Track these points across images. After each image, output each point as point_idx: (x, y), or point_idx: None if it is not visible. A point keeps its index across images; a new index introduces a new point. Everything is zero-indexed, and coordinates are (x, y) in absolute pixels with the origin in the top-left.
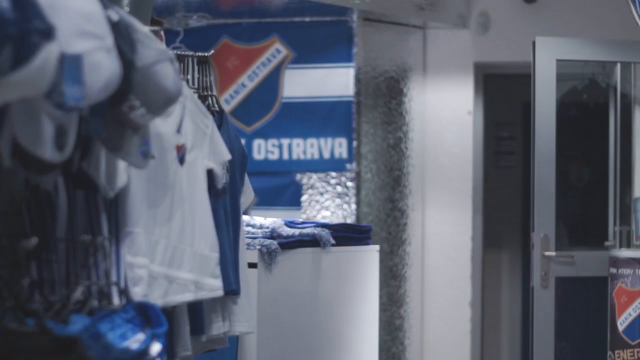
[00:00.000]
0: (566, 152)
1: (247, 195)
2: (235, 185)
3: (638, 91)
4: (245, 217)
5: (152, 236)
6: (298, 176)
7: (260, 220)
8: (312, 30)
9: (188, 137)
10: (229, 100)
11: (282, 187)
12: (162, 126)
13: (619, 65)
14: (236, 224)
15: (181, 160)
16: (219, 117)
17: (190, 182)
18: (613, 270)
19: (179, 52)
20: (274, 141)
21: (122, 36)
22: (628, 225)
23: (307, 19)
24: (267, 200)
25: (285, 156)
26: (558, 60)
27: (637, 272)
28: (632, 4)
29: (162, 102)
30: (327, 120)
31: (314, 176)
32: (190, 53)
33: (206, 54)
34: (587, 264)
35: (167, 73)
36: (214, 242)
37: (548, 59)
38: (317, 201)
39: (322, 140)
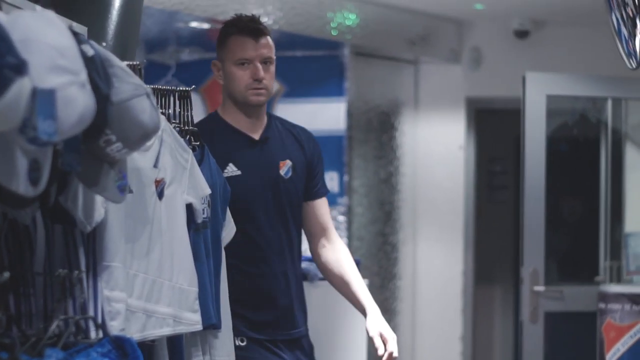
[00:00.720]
0: (557, 187)
1: (229, 229)
2: (217, 219)
3: (629, 127)
4: None
5: (130, 270)
6: None
7: None
8: (304, 65)
9: (167, 172)
10: None
11: None
12: (141, 161)
13: (610, 101)
14: (217, 257)
15: (160, 194)
16: (200, 152)
17: (169, 217)
18: (602, 305)
19: (160, 87)
20: None
21: (98, 71)
22: (618, 260)
23: (299, 54)
24: None
25: None
26: (548, 96)
27: (626, 307)
28: (618, 41)
29: (138, 137)
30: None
31: None
32: (172, 88)
33: (187, 89)
34: (576, 298)
35: (144, 107)
36: (192, 276)
37: (538, 94)
38: None
39: None
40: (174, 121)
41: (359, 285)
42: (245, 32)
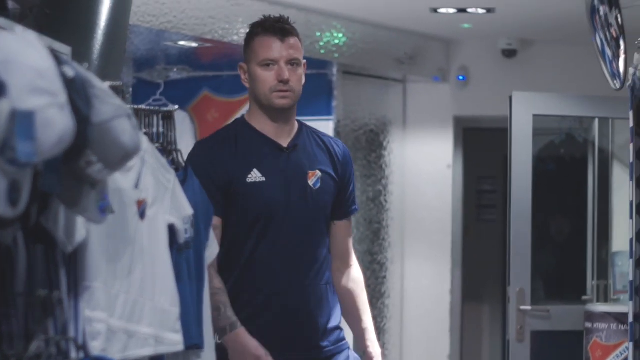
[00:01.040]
0: (545, 206)
1: (212, 249)
2: (200, 240)
3: (616, 146)
4: None
5: (112, 290)
6: None
7: None
8: None
9: (149, 192)
10: None
11: None
12: (123, 181)
13: (596, 120)
14: (200, 278)
15: (142, 215)
16: (184, 172)
17: (151, 237)
18: (588, 324)
19: (144, 107)
20: None
21: (78, 92)
22: (605, 280)
23: None
24: None
25: None
26: (535, 115)
27: (612, 326)
28: (602, 62)
29: (119, 158)
30: None
31: None
32: (155, 108)
33: (171, 109)
34: (562, 318)
35: (125, 128)
36: (174, 297)
37: (525, 114)
38: None
39: None
40: (156, 141)
41: (366, 324)
42: (271, 31)
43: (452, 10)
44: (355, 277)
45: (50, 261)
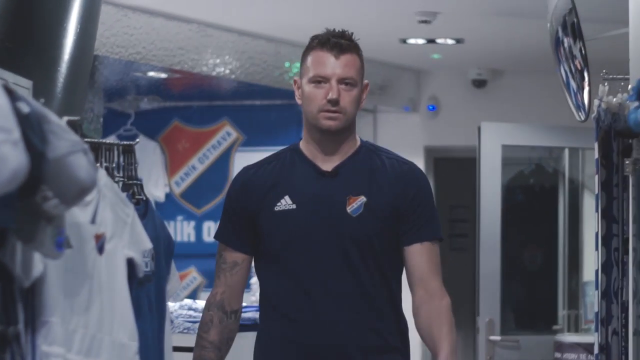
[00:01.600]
0: (514, 236)
1: (174, 282)
2: (161, 273)
3: (586, 176)
4: (187, 301)
5: (69, 325)
6: None
7: (202, 304)
8: (262, 113)
9: (107, 226)
10: (180, 182)
11: None
12: (81, 215)
13: (566, 150)
14: (161, 311)
15: (100, 249)
16: (144, 206)
17: (109, 271)
18: (558, 354)
19: (104, 141)
20: None
21: (33, 128)
22: (576, 309)
23: (257, 102)
24: None
25: None
26: (503, 146)
27: (582, 356)
28: (567, 93)
29: (75, 193)
30: None
31: None
32: (116, 142)
33: (131, 143)
34: (532, 348)
35: (81, 164)
36: (133, 331)
37: (493, 144)
38: None
39: None
40: (117, 175)
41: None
42: (327, 46)
43: (421, 41)
44: (437, 308)
45: (7, 296)
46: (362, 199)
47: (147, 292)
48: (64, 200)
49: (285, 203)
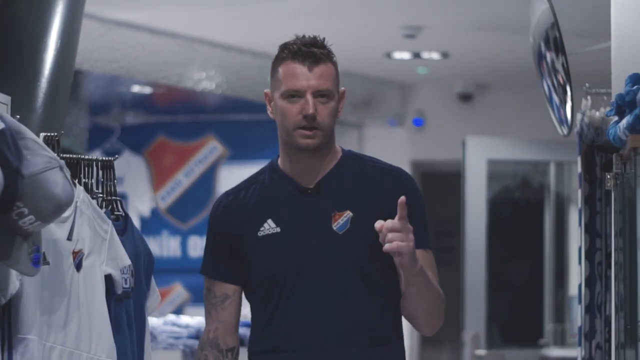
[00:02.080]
0: (500, 250)
1: (154, 298)
2: (141, 289)
3: (572, 190)
4: (171, 317)
5: (47, 342)
6: None
7: (186, 320)
8: (247, 128)
9: (85, 243)
10: (165, 197)
11: None
12: (58, 232)
13: (552, 164)
14: (141, 328)
15: (78, 266)
16: (124, 222)
17: (87, 288)
18: None
19: (83, 157)
20: None
21: (8, 144)
22: (563, 323)
23: (243, 117)
24: (202, 297)
25: None
26: (489, 160)
27: None
28: (550, 108)
29: (51, 209)
30: None
31: None
32: (95, 157)
33: (110, 159)
34: None
35: (57, 180)
36: (111, 348)
37: (478, 159)
38: None
39: None
40: (96, 191)
41: None
42: (298, 57)
43: (406, 56)
44: None
45: None
46: (348, 214)
47: (127, 309)
48: (40, 217)
49: (269, 227)
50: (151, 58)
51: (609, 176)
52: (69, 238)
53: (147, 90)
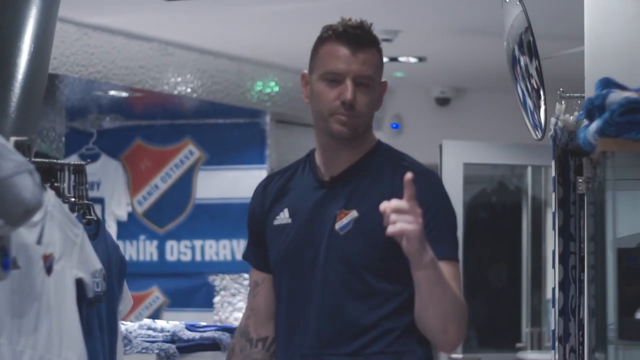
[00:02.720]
0: (477, 254)
1: (126, 302)
2: (113, 293)
3: (549, 194)
4: (146, 321)
5: (17, 346)
6: (210, 278)
7: (162, 324)
8: (225, 132)
9: (56, 247)
10: (142, 201)
11: (194, 289)
12: (28, 236)
13: (529, 168)
14: (113, 332)
15: (49, 270)
16: (95, 226)
17: (58, 292)
18: None
19: (55, 161)
20: (187, 242)
21: None
22: (539, 327)
23: (220, 121)
24: (179, 301)
25: (198, 258)
26: (465, 164)
27: None
28: (524, 112)
29: (20, 214)
30: (240, 221)
31: (227, 277)
32: (66, 162)
33: (82, 163)
34: None
35: (26, 185)
36: (82, 351)
37: (455, 162)
38: (229, 303)
39: (234, 242)
40: (68, 195)
41: None
42: (342, 39)
43: (383, 59)
44: None
45: None
46: (353, 213)
47: (98, 312)
48: (9, 221)
49: (283, 217)
50: (127, 62)
51: (580, 180)
52: (39, 242)
53: (124, 94)
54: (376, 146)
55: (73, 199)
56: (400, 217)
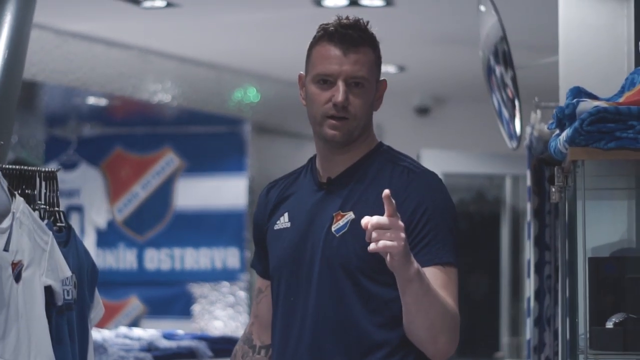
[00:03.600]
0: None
1: (98, 310)
2: (84, 301)
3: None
4: (123, 329)
5: None
6: (190, 286)
7: (138, 332)
8: (205, 140)
9: (25, 254)
10: (122, 209)
11: (173, 297)
12: None
13: (508, 178)
14: (84, 339)
15: (17, 277)
16: (67, 233)
17: (26, 299)
18: None
19: (25, 168)
20: (167, 251)
21: None
22: (518, 336)
23: (200, 129)
24: (158, 310)
25: (178, 266)
26: (444, 173)
27: None
28: (499, 122)
29: None
30: (220, 230)
31: (206, 286)
32: (37, 169)
33: (53, 169)
34: None
35: None
36: (51, 358)
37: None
38: (208, 311)
39: (214, 250)
40: (39, 202)
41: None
42: (334, 39)
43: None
44: None
45: None
46: (350, 215)
47: (69, 320)
48: None
49: (283, 221)
50: (106, 69)
51: (553, 189)
52: (6, 249)
53: (103, 102)
54: (376, 147)
55: (44, 206)
56: (381, 234)
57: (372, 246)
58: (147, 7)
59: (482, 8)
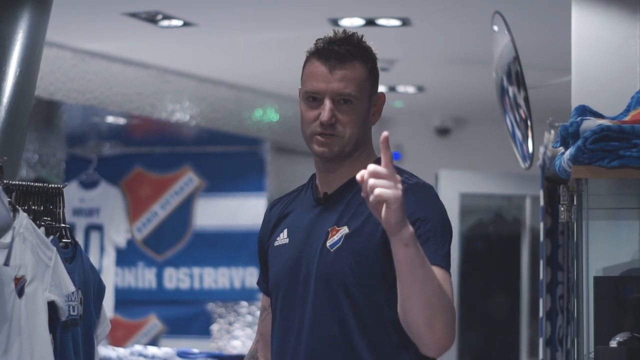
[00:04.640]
0: (475, 284)
1: (104, 326)
2: (90, 317)
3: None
4: (138, 347)
5: None
6: (209, 305)
7: (153, 350)
8: (224, 160)
9: (28, 269)
10: (141, 228)
11: (192, 316)
12: None
13: (528, 198)
14: (89, 356)
15: (20, 292)
16: (73, 249)
17: (29, 315)
18: None
19: (31, 184)
20: (186, 270)
21: None
22: (537, 357)
23: (220, 149)
24: (177, 329)
25: (197, 285)
26: (461, 194)
27: None
28: (513, 143)
29: None
30: (239, 249)
31: (225, 305)
32: (43, 185)
33: (59, 186)
34: None
35: None
36: None
37: (451, 192)
38: (227, 331)
39: (233, 270)
40: (45, 218)
41: None
42: (322, 56)
43: (382, 89)
44: None
45: None
46: (344, 230)
47: (74, 336)
48: None
49: (282, 237)
50: (124, 89)
51: (562, 208)
52: (6, 263)
53: (121, 121)
54: (374, 163)
55: (49, 222)
56: (378, 181)
57: (370, 199)
58: (164, 26)
59: (495, 28)
